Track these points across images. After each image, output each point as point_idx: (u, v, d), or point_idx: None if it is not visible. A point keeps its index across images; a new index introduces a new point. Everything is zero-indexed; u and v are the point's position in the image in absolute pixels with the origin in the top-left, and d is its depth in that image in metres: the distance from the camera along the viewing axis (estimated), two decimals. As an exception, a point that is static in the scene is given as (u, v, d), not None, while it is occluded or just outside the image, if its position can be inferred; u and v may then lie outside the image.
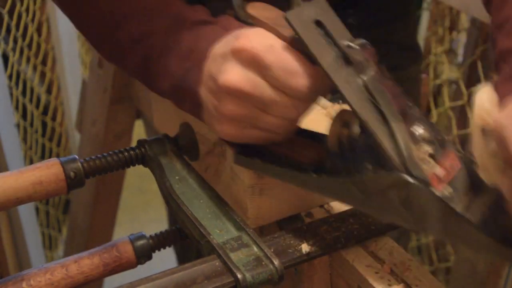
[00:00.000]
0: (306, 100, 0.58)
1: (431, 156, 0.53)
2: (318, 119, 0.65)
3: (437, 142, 0.54)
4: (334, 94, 0.59)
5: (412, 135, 0.53)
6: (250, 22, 0.61)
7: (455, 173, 0.53)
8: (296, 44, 0.56)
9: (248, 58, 0.56)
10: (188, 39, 0.63)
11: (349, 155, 0.57)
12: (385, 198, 0.54)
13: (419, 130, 0.54)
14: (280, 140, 0.61)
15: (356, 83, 0.55)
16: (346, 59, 0.56)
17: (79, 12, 0.71)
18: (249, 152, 0.62)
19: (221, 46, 0.59)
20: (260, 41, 0.56)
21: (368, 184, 0.55)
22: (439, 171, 0.52)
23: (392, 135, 0.53)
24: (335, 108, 0.78)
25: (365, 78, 0.56)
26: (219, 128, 0.61)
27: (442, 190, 0.52)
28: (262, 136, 0.60)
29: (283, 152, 0.62)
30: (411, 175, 0.52)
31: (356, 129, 0.57)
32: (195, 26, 0.64)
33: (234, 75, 0.56)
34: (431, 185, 0.52)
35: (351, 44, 0.57)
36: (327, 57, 0.55)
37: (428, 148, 0.53)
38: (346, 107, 0.69)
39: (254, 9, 0.61)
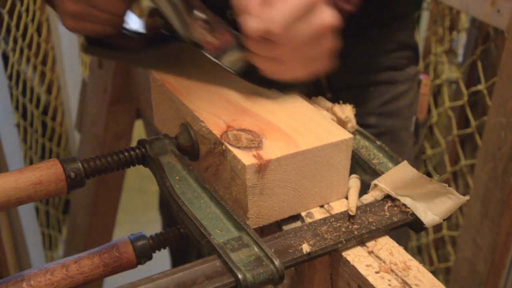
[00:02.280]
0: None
1: (206, 30, 0.78)
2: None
3: (215, 24, 0.78)
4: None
5: (192, 17, 0.77)
6: None
7: (227, 42, 0.78)
8: None
9: None
10: None
11: (157, 35, 0.83)
12: (176, 58, 0.81)
13: (199, 14, 0.78)
14: (112, 32, 0.82)
15: None
16: None
17: None
18: (95, 44, 0.84)
19: None
20: None
21: (166, 50, 0.81)
22: (211, 39, 0.78)
23: (182, 19, 0.77)
24: (335, 108, 0.78)
25: None
26: (64, 23, 0.80)
27: (215, 53, 0.77)
28: (98, 29, 0.81)
29: (117, 42, 0.85)
30: (192, 42, 0.77)
31: (160, 19, 0.81)
32: None
33: None
34: (204, 48, 0.78)
35: None
36: None
37: (204, 26, 0.78)
38: (346, 107, 0.74)
39: None
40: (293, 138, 0.68)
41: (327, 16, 0.71)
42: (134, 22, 0.87)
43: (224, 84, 0.80)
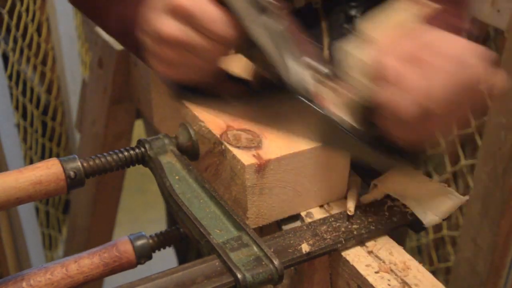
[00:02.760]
0: (226, 43, 0.68)
1: (320, 81, 0.69)
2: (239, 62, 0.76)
3: (328, 71, 0.69)
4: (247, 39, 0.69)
5: (306, 65, 0.69)
6: None
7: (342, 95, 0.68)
8: None
9: (175, 9, 0.67)
10: None
11: (261, 82, 0.73)
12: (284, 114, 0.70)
13: (311, 61, 0.69)
14: (208, 79, 0.73)
15: (265, 26, 0.67)
16: (259, 7, 0.67)
17: None
18: (186, 89, 0.75)
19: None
20: None
21: (272, 104, 0.71)
22: (325, 91, 0.68)
23: (292, 66, 0.68)
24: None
25: (272, 22, 0.68)
26: (158, 69, 0.73)
27: (327, 106, 0.67)
28: (193, 76, 0.73)
29: (212, 88, 0.75)
30: (302, 95, 0.67)
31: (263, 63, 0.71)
32: None
33: (167, 25, 0.67)
34: (316, 101, 0.67)
35: None
36: (239, 4, 0.67)
37: (317, 75, 0.69)
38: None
39: None
40: (293, 138, 0.68)
41: (480, 68, 0.62)
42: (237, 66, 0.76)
43: None
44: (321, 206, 0.71)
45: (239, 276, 0.56)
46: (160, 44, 0.69)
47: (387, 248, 0.64)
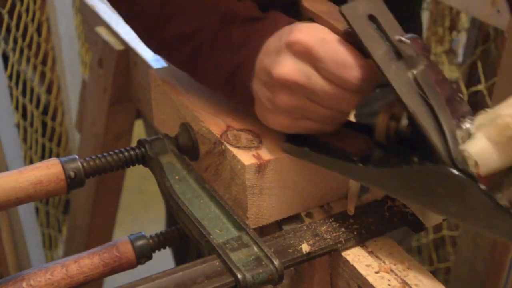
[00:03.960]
0: (357, 92, 0.60)
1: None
2: None
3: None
4: (385, 87, 0.59)
5: (460, 129, 0.55)
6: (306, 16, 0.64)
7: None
8: (349, 38, 0.59)
9: (301, 50, 0.58)
10: (238, 35, 0.66)
11: (396, 146, 0.60)
12: (430, 190, 0.56)
13: (467, 124, 0.55)
14: (330, 130, 0.64)
15: (406, 76, 0.58)
16: (397, 53, 0.59)
17: (129, 5, 0.73)
18: (297, 141, 0.65)
19: (275, 40, 0.62)
20: (313, 34, 0.59)
21: (413, 176, 0.57)
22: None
23: (440, 129, 0.55)
24: None
25: (415, 71, 0.58)
26: (273, 120, 0.64)
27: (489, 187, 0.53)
28: (314, 127, 0.63)
29: (332, 142, 0.64)
30: (458, 169, 0.53)
31: (404, 121, 0.59)
32: (245, 22, 0.66)
33: (288, 67, 0.59)
34: (476, 179, 0.52)
35: (402, 38, 0.58)
36: (378, 51, 0.58)
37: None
38: None
39: (309, 3, 0.64)
40: None
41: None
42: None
43: None
44: (321, 206, 0.71)
45: (239, 276, 0.56)
46: (276, 90, 0.60)
47: (387, 248, 0.64)
